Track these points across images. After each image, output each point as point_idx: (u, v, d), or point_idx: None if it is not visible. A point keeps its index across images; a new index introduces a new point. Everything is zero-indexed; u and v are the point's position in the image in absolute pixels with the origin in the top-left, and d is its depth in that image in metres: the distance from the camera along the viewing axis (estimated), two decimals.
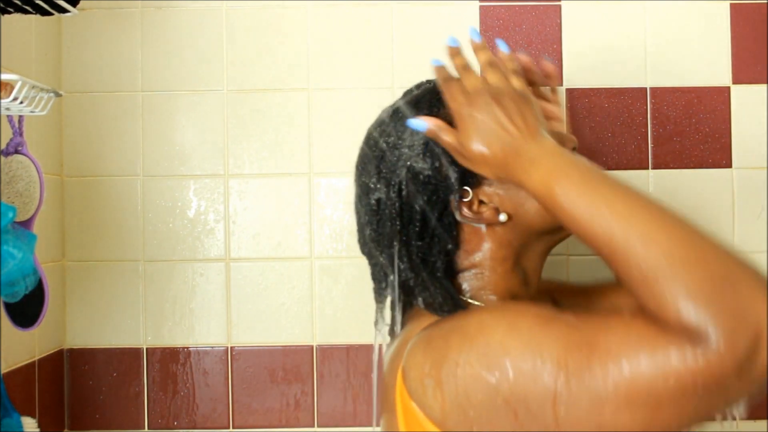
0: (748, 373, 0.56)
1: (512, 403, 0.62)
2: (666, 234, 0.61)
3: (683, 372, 0.55)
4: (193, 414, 1.26)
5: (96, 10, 1.26)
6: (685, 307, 0.57)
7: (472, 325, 0.69)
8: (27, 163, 0.98)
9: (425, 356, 0.69)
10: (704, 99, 1.27)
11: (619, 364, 0.58)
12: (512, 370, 0.62)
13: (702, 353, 0.55)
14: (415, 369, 0.69)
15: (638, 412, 0.57)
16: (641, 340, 0.58)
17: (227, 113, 1.27)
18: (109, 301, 1.26)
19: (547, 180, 0.68)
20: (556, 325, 0.63)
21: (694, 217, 1.30)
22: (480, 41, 0.83)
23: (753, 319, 0.56)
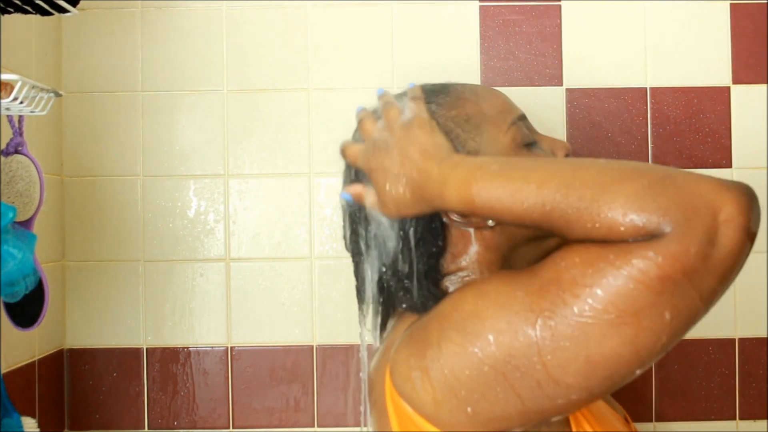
0: (712, 256, 0.55)
1: (500, 367, 0.61)
2: (587, 170, 0.61)
3: (650, 273, 0.55)
4: (193, 414, 1.26)
5: (96, 10, 1.27)
6: (631, 214, 0.56)
7: (445, 305, 0.68)
8: (27, 163, 0.98)
9: (409, 350, 0.68)
10: (704, 99, 1.27)
11: (589, 289, 0.57)
12: (491, 333, 0.62)
13: (661, 249, 0.55)
14: (401, 365, 0.68)
15: (621, 330, 0.57)
16: (601, 260, 0.57)
17: (227, 113, 1.27)
18: (109, 301, 1.26)
19: (460, 192, 0.67)
20: (519, 277, 0.63)
21: None
22: (382, 95, 0.82)
23: (701, 203, 0.56)
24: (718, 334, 1.26)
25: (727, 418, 1.26)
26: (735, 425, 1.25)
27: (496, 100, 0.81)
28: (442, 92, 0.81)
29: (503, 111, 0.80)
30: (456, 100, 0.80)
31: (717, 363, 1.26)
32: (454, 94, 0.81)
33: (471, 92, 0.82)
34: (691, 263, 0.55)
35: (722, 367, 1.26)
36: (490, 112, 0.79)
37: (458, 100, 0.80)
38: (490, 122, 0.79)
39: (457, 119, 0.79)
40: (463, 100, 0.80)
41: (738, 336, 1.26)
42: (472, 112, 0.79)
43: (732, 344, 1.26)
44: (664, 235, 0.55)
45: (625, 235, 0.57)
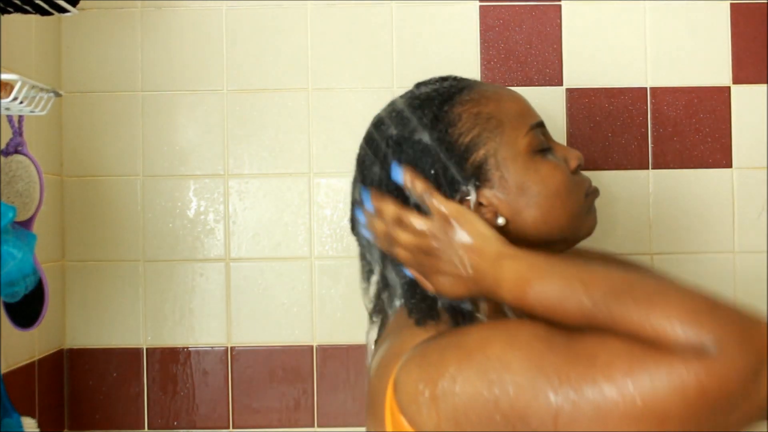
0: (753, 392, 0.55)
1: (512, 419, 0.61)
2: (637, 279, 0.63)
3: (690, 385, 0.55)
4: (193, 414, 1.26)
5: (96, 10, 1.26)
6: (686, 326, 0.57)
7: (470, 340, 0.67)
8: (27, 163, 0.98)
9: (420, 372, 0.67)
10: (704, 99, 1.27)
11: (623, 377, 0.57)
12: (512, 385, 0.61)
13: (707, 366, 0.55)
14: (409, 385, 0.68)
15: (643, 426, 0.56)
16: (645, 353, 0.57)
17: (227, 113, 1.27)
18: (109, 301, 1.26)
19: (514, 293, 0.69)
20: (556, 339, 0.63)
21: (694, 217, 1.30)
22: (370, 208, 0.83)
23: (756, 339, 0.56)
24: None
25: None
26: None
27: (517, 104, 0.82)
28: (466, 88, 0.82)
29: (523, 115, 0.81)
30: (480, 98, 0.81)
31: None
32: (478, 92, 0.81)
33: (494, 92, 0.82)
34: (733, 389, 0.55)
35: None
36: (511, 115, 0.80)
37: (482, 98, 0.81)
38: (510, 124, 0.79)
39: (480, 117, 0.79)
40: (486, 99, 0.81)
41: None
42: (494, 112, 0.80)
43: None
44: (712, 352, 0.56)
45: (672, 345, 0.57)
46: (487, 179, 0.78)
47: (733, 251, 1.27)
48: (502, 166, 0.78)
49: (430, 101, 0.81)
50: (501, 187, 0.78)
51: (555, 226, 0.79)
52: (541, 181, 0.78)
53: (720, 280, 1.26)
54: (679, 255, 1.27)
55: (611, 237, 1.25)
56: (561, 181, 0.79)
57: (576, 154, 0.82)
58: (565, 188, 0.79)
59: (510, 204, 0.78)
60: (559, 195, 0.78)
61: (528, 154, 0.79)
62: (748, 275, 1.26)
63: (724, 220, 1.27)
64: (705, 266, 1.27)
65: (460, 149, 0.78)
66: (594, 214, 0.83)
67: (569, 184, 0.79)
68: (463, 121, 0.79)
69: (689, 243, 1.27)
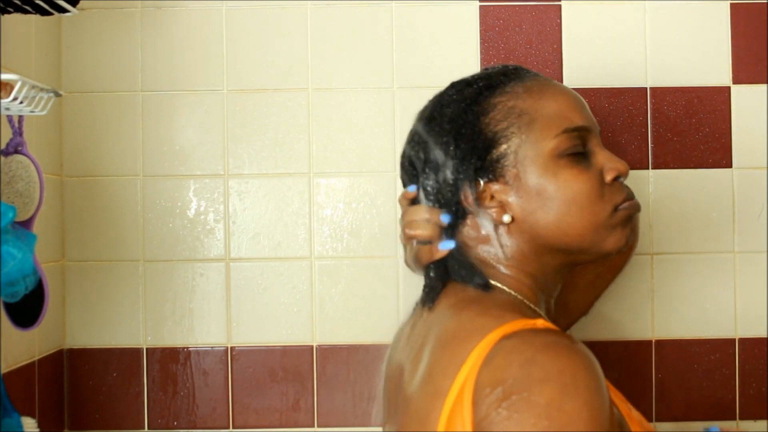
0: None
1: None
2: None
3: None
4: (193, 414, 1.26)
5: (96, 10, 1.26)
6: None
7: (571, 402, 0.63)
8: (27, 163, 0.98)
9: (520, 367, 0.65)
10: (704, 99, 1.27)
11: None
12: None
13: None
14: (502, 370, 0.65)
15: None
16: None
17: (227, 113, 1.27)
18: (109, 301, 1.26)
19: None
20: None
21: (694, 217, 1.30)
22: None
23: None
24: (718, 334, 1.26)
25: (727, 418, 1.26)
26: (735, 425, 1.25)
27: (558, 104, 0.80)
28: (511, 80, 0.81)
29: (561, 116, 0.79)
30: (522, 92, 0.80)
31: (717, 363, 1.26)
32: (524, 86, 0.81)
33: (539, 88, 0.81)
34: None
35: (722, 367, 1.26)
36: (547, 114, 0.79)
37: (523, 93, 0.80)
38: (542, 124, 0.78)
39: (513, 111, 0.79)
40: (527, 94, 0.80)
41: (738, 336, 1.26)
42: (529, 108, 0.79)
43: (732, 344, 1.26)
44: None
45: None
46: (501, 175, 0.78)
47: (733, 251, 1.27)
48: (521, 164, 0.77)
49: (476, 85, 0.82)
50: (515, 185, 0.78)
51: (570, 233, 0.78)
52: (558, 187, 0.77)
53: (720, 280, 1.27)
54: (679, 255, 1.27)
55: None
56: (581, 189, 0.77)
57: (616, 165, 0.80)
58: (585, 197, 0.77)
59: (522, 204, 0.78)
60: (576, 203, 0.77)
61: (552, 156, 0.77)
62: (748, 275, 1.26)
63: (724, 220, 1.26)
64: (705, 266, 1.27)
65: (483, 139, 0.78)
66: (626, 230, 0.80)
67: (592, 193, 0.77)
68: (496, 112, 0.79)
69: (689, 243, 1.27)
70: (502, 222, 0.78)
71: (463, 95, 0.81)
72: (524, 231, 0.79)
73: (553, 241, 0.78)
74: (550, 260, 0.81)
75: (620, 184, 0.80)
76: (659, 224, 1.27)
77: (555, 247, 0.79)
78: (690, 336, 1.26)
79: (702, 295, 1.26)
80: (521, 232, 0.79)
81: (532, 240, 0.79)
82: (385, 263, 1.26)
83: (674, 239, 1.27)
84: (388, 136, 1.25)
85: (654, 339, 1.27)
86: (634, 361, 1.26)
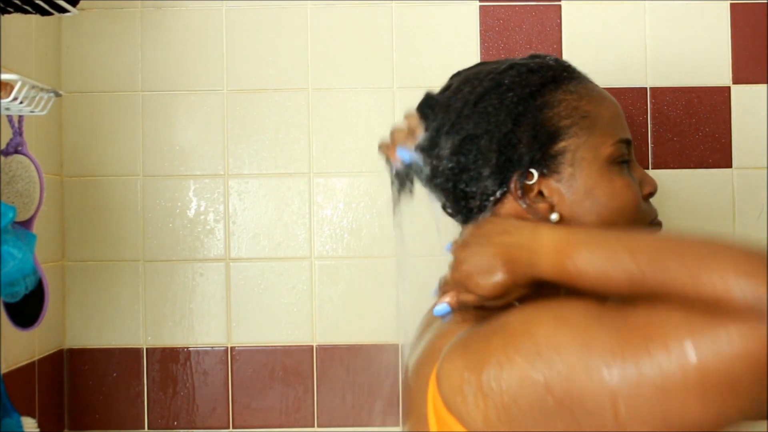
0: None
1: (565, 402, 0.57)
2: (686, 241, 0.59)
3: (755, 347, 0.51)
4: (193, 414, 1.26)
5: (96, 10, 1.27)
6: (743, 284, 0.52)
7: (515, 322, 0.64)
8: (27, 163, 0.98)
9: (464, 361, 0.65)
10: (704, 99, 1.27)
11: (683, 347, 0.52)
12: (563, 366, 0.58)
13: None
14: (452, 376, 0.65)
15: (711, 399, 0.53)
16: (701, 319, 0.53)
17: (227, 113, 1.27)
18: (109, 301, 1.26)
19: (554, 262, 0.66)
20: (605, 313, 0.59)
21: (694, 217, 1.30)
22: None
23: None
24: None
25: None
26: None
27: (615, 113, 0.80)
28: (575, 80, 0.81)
29: (616, 125, 0.79)
30: (585, 94, 0.80)
31: None
32: (585, 88, 0.80)
33: (599, 94, 0.81)
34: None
35: None
36: (605, 120, 0.79)
37: (585, 95, 0.80)
38: (601, 129, 0.78)
39: (577, 111, 0.78)
40: (590, 98, 0.80)
41: None
42: (591, 111, 0.79)
43: None
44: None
45: (729, 306, 0.53)
46: (557, 171, 0.77)
47: None
48: (577, 165, 0.77)
49: (540, 74, 0.80)
50: (568, 184, 0.77)
51: None
52: (612, 193, 0.77)
53: None
54: None
55: None
56: (631, 200, 0.77)
57: (652, 181, 0.81)
58: (633, 208, 0.77)
59: (572, 204, 0.77)
60: (624, 213, 0.77)
61: (608, 163, 0.77)
62: None
63: (724, 220, 1.26)
64: None
65: (545, 131, 0.77)
66: None
67: (638, 206, 0.78)
68: (561, 108, 0.78)
69: None
70: (549, 219, 0.76)
71: (526, 82, 0.79)
72: None
73: None
74: None
75: (649, 200, 0.81)
76: None
77: None
78: None
79: None
80: None
81: None
82: (385, 263, 1.26)
83: None
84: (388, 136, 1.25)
85: None
86: None
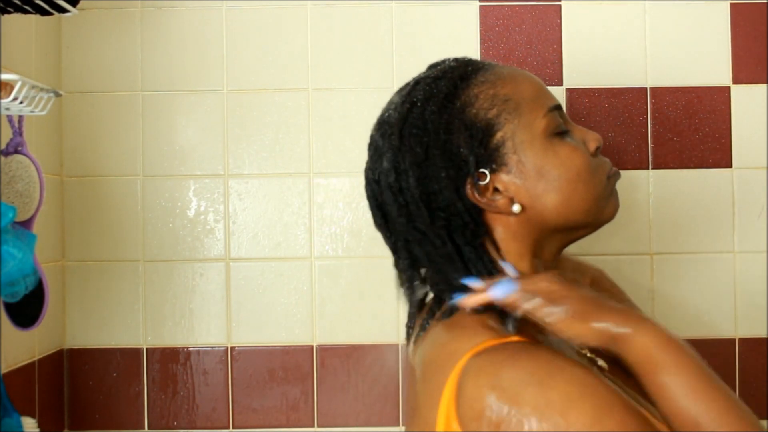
0: None
1: None
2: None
3: None
4: (193, 414, 1.26)
5: (96, 10, 1.26)
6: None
7: (558, 392, 0.63)
8: (27, 163, 0.98)
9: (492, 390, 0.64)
10: (704, 99, 1.27)
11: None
12: None
13: None
14: (476, 400, 0.65)
15: None
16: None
17: (227, 113, 1.27)
18: (109, 301, 1.26)
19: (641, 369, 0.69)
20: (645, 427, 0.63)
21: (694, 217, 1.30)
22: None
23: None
24: (718, 334, 1.26)
25: None
26: None
27: (533, 86, 0.80)
28: (481, 70, 0.80)
29: (540, 97, 0.79)
30: (496, 79, 0.79)
31: (717, 363, 1.26)
32: (494, 73, 0.80)
33: (510, 73, 0.80)
34: None
35: (722, 367, 1.26)
36: (528, 96, 0.78)
37: (498, 80, 0.79)
38: (527, 106, 0.78)
39: (497, 98, 0.77)
40: (503, 80, 0.79)
41: (738, 336, 1.26)
42: (511, 93, 0.78)
43: (732, 344, 1.26)
44: None
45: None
46: (504, 163, 0.76)
47: (733, 251, 1.27)
48: (520, 150, 0.76)
49: (445, 78, 0.79)
50: (518, 171, 0.76)
51: (578, 210, 0.77)
52: (561, 164, 0.76)
53: (720, 280, 1.26)
54: (679, 255, 1.27)
55: (611, 237, 1.25)
56: (581, 163, 0.77)
57: (595, 136, 0.80)
58: (586, 170, 0.77)
59: (528, 189, 0.76)
60: (581, 178, 0.77)
61: (546, 137, 0.77)
62: (748, 275, 1.26)
63: (724, 220, 1.26)
64: (705, 266, 1.27)
65: (477, 128, 0.76)
66: (616, 196, 0.81)
67: (590, 166, 0.78)
68: (481, 101, 0.77)
69: (689, 243, 1.27)
70: (512, 212, 0.76)
71: (437, 90, 0.78)
72: (531, 218, 0.77)
73: (562, 219, 0.77)
74: (555, 242, 0.80)
75: (599, 153, 0.81)
76: (659, 224, 1.26)
77: (563, 227, 0.78)
78: (690, 336, 1.26)
79: (702, 295, 1.26)
80: (528, 219, 0.77)
81: (540, 225, 0.78)
82: (385, 263, 1.25)
83: (674, 239, 1.27)
84: None
85: None
86: None
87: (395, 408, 1.25)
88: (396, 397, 1.25)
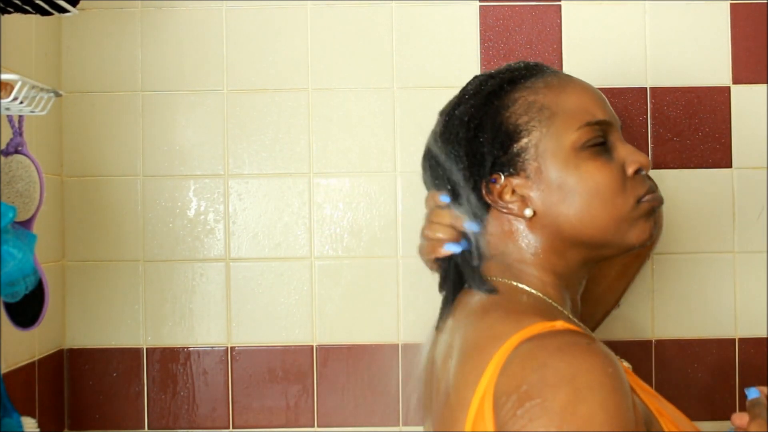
0: None
1: None
2: None
3: None
4: (193, 414, 1.26)
5: (96, 10, 1.27)
6: None
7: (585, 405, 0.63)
8: (27, 163, 0.98)
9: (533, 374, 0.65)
10: (704, 99, 1.27)
11: None
12: None
13: None
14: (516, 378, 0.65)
15: None
16: None
17: (227, 113, 1.27)
18: (109, 301, 1.26)
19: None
20: None
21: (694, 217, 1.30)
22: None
23: None
24: (718, 334, 1.26)
25: (726, 418, 1.26)
26: None
27: (581, 98, 0.80)
28: (534, 76, 0.82)
29: (583, 110, 0.79)
30: (542, 87, 0.80)
31: (717, 363, 1.26)
32: (544, 81, 0.81)
33: (560, 83, 0.81)
34: None
35: (722, 367, 1.26)
36: (568, 108, 0.79)
37: (543, 88, 0.80)
38: (563, 118, 0.78)
39: (533, 105, 0.79)
40: (547, 89, 0.80)
41: (738, 336, 1.26)
42: (550, 103, 0.79)
43: (732, 344, 1.26)
44: None
45: None
46: (522, 169, 0.78)
47: (733, 251, 1.27)
48: (542, 158, 0.77)
49: (497, 78, 0.82)
50: (536, 178, 0.78)
51: (592, 225, 0.77)
52: (580, 179, 0.77)
53: (720, 280, 1.26)
54: (679, 255, 1.27)
55: None
56: (604, 180, 0.77)
57: (637, 158, 0.79)
58: (608, 188, 0.77)
59: (543, 197, 0.77)
60: (599, 195, 0.77)
61: (573, 149, 0.77)
62: (748, 275, 1.26)
63: (724, 220, 1.26)
64: (705, 266, 1.27)
65: (504, 132, 0.78)
66: (650, 222, 0.79)
67: (616, 185, 0.77)
68: (517, 106, 0.79)
69: (689, 243, 1.27)
70: (524, 216, 0.78)
71: (483, 89, 0.81)
72: (546, 226, 0.78)
73: (575, 234, 0.78)
74: (574, 255, 0.80)
75: (642, 177, 0.80)
76: None
77: (578, 241, 0.79)
78: (690, 336, 1.27)
79: (702, 295, 1.26)
80: (543, 227, 0.78)
81: (555, 235, 0.78)
82: (385, 263, 1.26)
83: (674, 239, 1.27)
84: (388, 136, 1.25)
85: (654, 339, 1.27)
86: (634, 361, 1.26)
87: (395, 408, 1.25)
88: (396, 397, 1.25)
